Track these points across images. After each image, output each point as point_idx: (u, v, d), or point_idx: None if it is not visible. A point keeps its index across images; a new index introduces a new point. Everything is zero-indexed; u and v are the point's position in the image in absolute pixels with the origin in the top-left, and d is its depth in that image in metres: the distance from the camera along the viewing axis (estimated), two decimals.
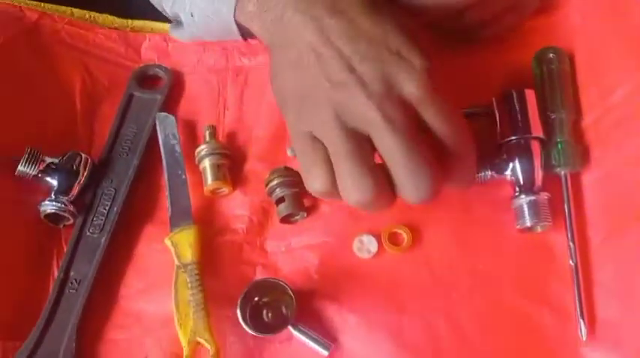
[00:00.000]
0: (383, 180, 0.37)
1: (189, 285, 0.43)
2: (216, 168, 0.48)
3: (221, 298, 0.44)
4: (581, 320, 0.41)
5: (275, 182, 0.47)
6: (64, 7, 0.57)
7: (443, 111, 0.37)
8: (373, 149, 0.38)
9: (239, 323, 0.42)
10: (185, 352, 0.41)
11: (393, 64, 0.37)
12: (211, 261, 0.46)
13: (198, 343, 0.42)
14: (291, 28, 0.39)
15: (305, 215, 0.47)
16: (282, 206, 0.47)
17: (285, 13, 0.39)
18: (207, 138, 0.49)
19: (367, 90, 0.36)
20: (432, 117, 0.37)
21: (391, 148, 0.36)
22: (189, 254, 0.45)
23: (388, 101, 0.36)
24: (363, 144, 0.37)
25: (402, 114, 0.36)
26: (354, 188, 0.37)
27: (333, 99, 0.37)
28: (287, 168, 0.47)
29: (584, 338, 0.41)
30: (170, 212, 0.47)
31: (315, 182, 0.39)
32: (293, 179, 0.47)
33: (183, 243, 0.45)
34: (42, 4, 0.56)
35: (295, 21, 0.39)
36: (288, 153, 0.50)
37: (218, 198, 0.49)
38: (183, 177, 0.48)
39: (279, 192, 0.47)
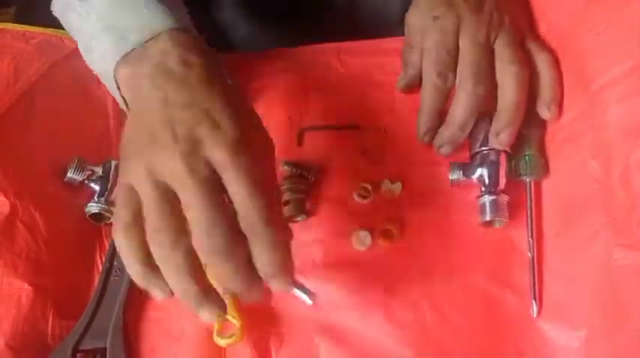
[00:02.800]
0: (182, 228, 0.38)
1: None
2: None
3: None
4: (533, 301, 0.48)
5: (285, 187, 0.53)
6: None
7: (242, 179, 0.39)
8: (178, 202, 0.39)
9: None
10: (215, 326, 0.47)
11: (208, 129, 0.39)
12: None
13: (226, 320, 0.49)
14: (144, 97, 0.42)
15: (306, 217, 0.54)
16: (287, 208, 0.53)
17: (144, 85, 0.42)
18: None
19: (178, 147, 0.38)
20: (231, 182, 0.39)
21: (189, 200, 0.38)
22: None
23: (194, 158, 0.38)
24: (168, 196, 0.38)
25: (204, 172, 0.38)
26: (156, 235, 0.38)
27: (147, 155, 0.39)
28: (295, 176, 0.54)
29: (535, 315, 0.48)
30: None
31: (116, 234, 0.40)
32: (300, 186, 0.53)
33: None
34: None
35: (148, 92, 0.41)
36: (281, 166, 0.56)
37: None
38: None
39: (287, 196, 0.53)
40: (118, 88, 0.46)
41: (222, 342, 0.47)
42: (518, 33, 0.54)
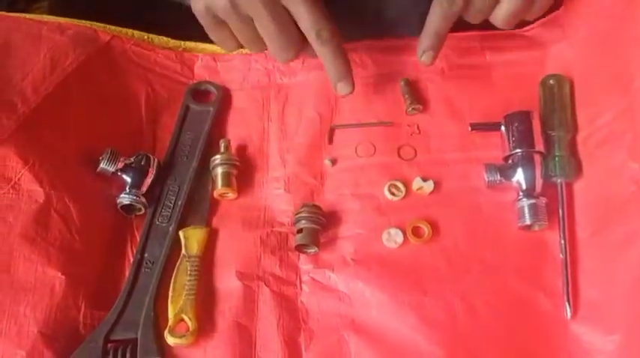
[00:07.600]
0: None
1: (189, 273, 0.50)
2: (226, 176, 0.55)
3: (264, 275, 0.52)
4: (566, 303, 0.48)
5: (302, 214, 0.52)
6: (126, 29, 0.63)
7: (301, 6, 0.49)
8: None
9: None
10: (170, 323, 0.48)
11: None
12: (263, 248, 0.53)
13: (182, 319, 0.49)
14: None
15: (317, 250, 0.52)
16: (298, 236, 0.52)
17: None
18: (222, 150, 0.56)
19: None
20: (293, 8, 0.50)
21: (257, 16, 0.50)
22: (195, 248, 0.52)
23: None
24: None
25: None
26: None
27: None
28: (316, 206, 0.53)
29: (569, 317, 0.48)
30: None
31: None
32: (317, 217, 0.52)
33: (192, 238, 0.53)
34: (108, 25, 0.62)
35: None
36: (325, 162, 0.57)
37: (273, 196, 0.56)
38: (208, 187, 0.56)
39: (301, 224, 0.52)
40: None
41: (171, 340, 0.47)
42: None
